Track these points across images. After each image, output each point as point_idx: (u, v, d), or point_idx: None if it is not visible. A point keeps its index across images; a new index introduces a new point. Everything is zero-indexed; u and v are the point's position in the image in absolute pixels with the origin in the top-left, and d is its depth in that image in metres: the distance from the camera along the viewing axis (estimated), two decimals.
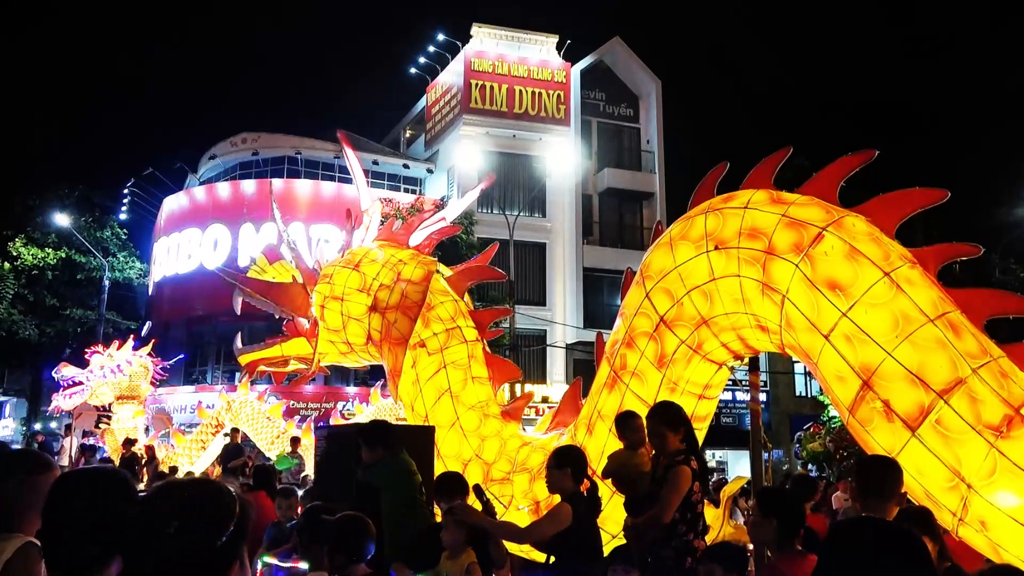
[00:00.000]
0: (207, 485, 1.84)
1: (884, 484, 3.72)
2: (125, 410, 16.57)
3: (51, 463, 2.80)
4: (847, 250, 4.87)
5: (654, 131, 34.01)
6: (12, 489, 2.65)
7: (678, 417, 4.83)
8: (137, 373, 16.70)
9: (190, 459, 15.69)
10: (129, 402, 16.63)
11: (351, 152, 9.51)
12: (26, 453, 3.03)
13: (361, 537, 4.12)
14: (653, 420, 4.83)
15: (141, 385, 16.81)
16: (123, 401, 16.57)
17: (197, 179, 34.29)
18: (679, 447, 4.71)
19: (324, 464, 6.63)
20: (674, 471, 4.59)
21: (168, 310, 31.20)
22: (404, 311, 7.36)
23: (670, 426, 4.74)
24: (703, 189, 5.93)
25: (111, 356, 16.68)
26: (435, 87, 34.06)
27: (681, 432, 4.75)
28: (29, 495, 2.63)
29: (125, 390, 16.51)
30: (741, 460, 28.34)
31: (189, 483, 1.86)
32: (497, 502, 6.57)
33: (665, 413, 4.88)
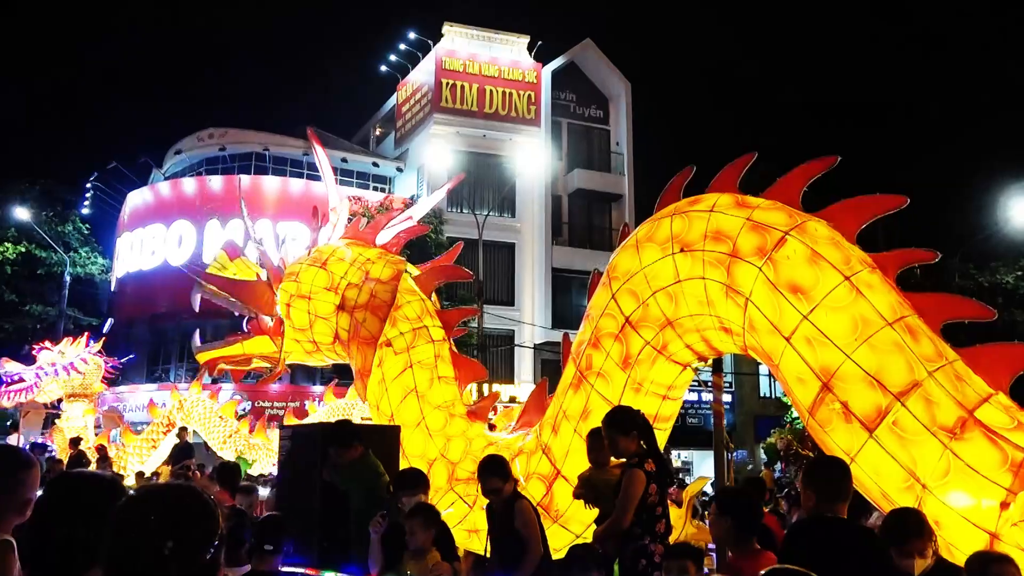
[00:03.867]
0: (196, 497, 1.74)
1: (837, 485, 3.80)
2: (75, 408, 16.22)
3: (32, 461, 2.75)
4: (809, 254, 4.95)
5: (624, 133, 34.22)
6: None
7: (629, 421, 4.85)
8: (92, 371, 16.41)
9: (140, 458, 15.43)
10: (79, 400, 16.30)
11: (320, 149, 9.46)
12: (6, 450, 2.96)
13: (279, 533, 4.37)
14: (605, 427, 4.88)
15: (94, 383, 16.51)
16: (73, 399, 16.25)
17: (162, 174, 33.81)
18: (633, 450, 4.74)
19: (288, 464, 6.59)
20: (627, 476, 4.65)
21: (131, 307, 30.73)
22: (373, 311, 7.33)
23: (621, 431, 4.77)
24: (669, 192, 5.99)
25: (62, 353, 16.34)
26: (406, 85, 33.95)
27: (634, 435, 4.77)
28: (9, 493, 2.59)
29: (78, 388, 16.20)
30: (706, 460, 28.59)
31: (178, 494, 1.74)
32: (462, 502, 6.58)
33: (615, 419, 4.91)
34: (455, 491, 6.66)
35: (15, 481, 2.62)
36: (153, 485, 1.83)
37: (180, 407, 16.04)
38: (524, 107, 32.13)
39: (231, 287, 8.49)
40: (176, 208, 30.06)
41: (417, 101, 32.97)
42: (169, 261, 28.59)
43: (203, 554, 1.61)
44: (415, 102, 33.14)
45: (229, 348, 8.49)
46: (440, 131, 30.70)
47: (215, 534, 1.64)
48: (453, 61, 31.77)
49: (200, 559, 1.60)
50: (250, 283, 8.50)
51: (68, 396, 16.19)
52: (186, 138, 32.95)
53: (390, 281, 7.48)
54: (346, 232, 8.38)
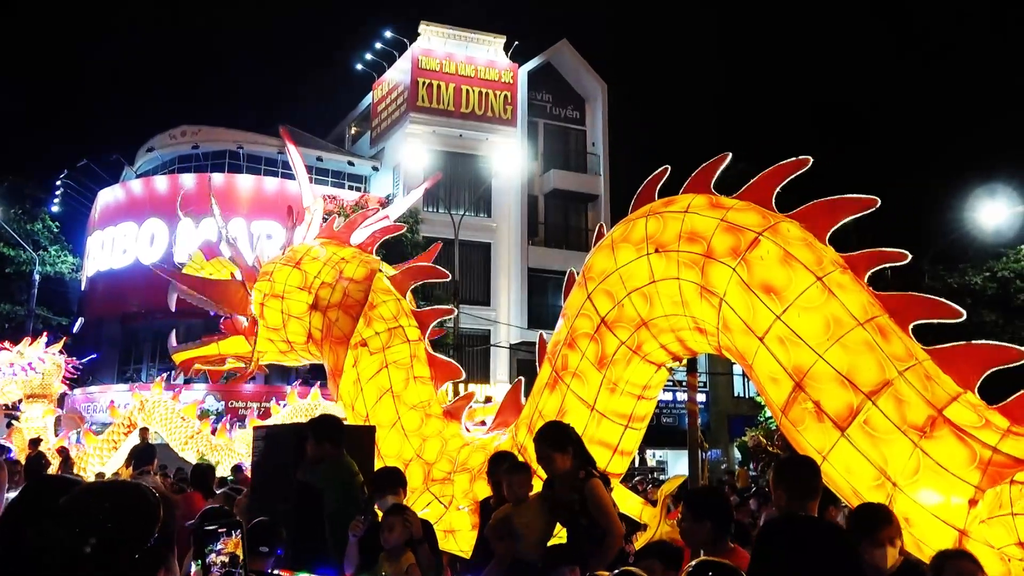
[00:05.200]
0: (127, 489, 1.70)
1: (807, 484, 3.84)
2: (34, 409, 15.97)
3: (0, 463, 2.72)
4: (782, 255, 5.00)
5: (599, 134, 34.37)
6: None
7: (565, 437, 4.70)
8: (50, 371, 16.17)
9: (101, 460, 15.25)
10: (39, 400, 16.05)
11: (293, 148, 9.40)
12: None
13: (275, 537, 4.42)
14: (539, 443, 4.69)
15: (53, 383, 16.27)
16: (33, 400, 16.00)
17: (134, 172, 33.44)
18: (569, 467, 4.58)
19: (262, 465, 6.53)
20: (589, 488, 4.48)
21: (102, 306, 30.36)
22: (345, 310, 7.30)
23: (557, 447, 4.60)
24: (644, 192, 6.02)
25: (21, 353, 16.08)
26: (381, 84, 33.83)
27: (569, 451, 4.61)
28: None
29: (36, 388, 15.95)
30: (681, 459, 28.76)
31: (107, 490, 1.70)
32: (438, 502, 6.57)
33: (549, 435, 4.73)
34: (431, 491, 6.64)
35: None
36: (91, 483, 1.78)
37: (141, 408, 15.88)
38: (500, 107, 32.15)
39: (204, 287, 8.42)
40: (148, 206, 29.74)
41: (393, 100, 32.87)
42: (141, 260, 28.28)
43: (135, 549, 1.55)
44: (391, 101, 33.03)
45: (204, 348, 8.42)
46: (416, 130, 30.64)
47: (152, 529, 1.58)
48: (429, 60, 31.71)
49: (131, 554, 1.54)
50: (223, 282, 8.44)
51: (27, 397, 15.95)
52: (158, 135, 32.60)
53: (363, 280, 7.45)
54: (321, 231, 8.34)
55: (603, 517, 4.47)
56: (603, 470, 5.20)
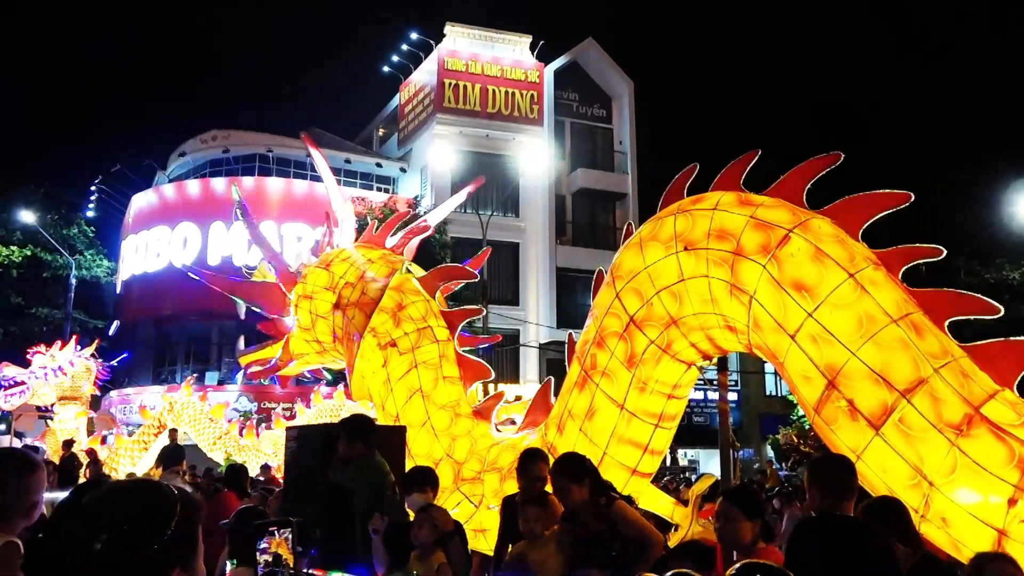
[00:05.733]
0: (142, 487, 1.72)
1: (841, 483, 3.78)
2: (67, 411, 16.35)
3: (38, 463, 2.77)
4: (813, 252, 4.94)
5: (627, 132, 34.22)
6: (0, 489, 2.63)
7: (582, 468, 4.63)
8: (79, 374, 16.50)
9: (132, 460, 15.54)
10: (71, 403, 16.40)
11: (317, 153, 9.44)
12: (13, 453, 2.98)
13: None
14: (556, 475, 4.60)
15: (83, 386, 16.60)
16: (65, 402, 16.35)
17: (166, 176, 33.90)
18: (588, 498, 4.50)
19: (293, 466, 6.59)
20: (618, 513, 4.45)
21: (136, 309, 30.82)
22: (361, 307, 7.39)
23: (573, 479, 4.51)
24: (673, 190, 5.98)
25: (53, 356, 16.45)
26: (408, 86, 33.98)
27: (586, 483, 4.54)
28: (15, 495, 2.61)
29: (67, 391, 16.30)
30: (713, 459, 28.57)
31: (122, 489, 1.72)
32: (468, 501, 6.58)
33: (567, 466, 4.64)
34: (461, 491, 6.66)
35: (21, 484, 2.64)
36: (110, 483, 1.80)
37: (171, 409, 16.11)
38: (527, 107, 32.14)
39: (244, 290, 8.61)
40: (181, 210, 30.14)
41: (420, 101, 33.00)
42: (174, 263, 28.64)
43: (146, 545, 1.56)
44: (418, 102, 33.17)
45: (265, 351, 8.57)
46: (443, 131, 30.73)
47: (165, 525, 1.59)
48: (455, 61, 31.79)
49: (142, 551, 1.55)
50: (259, 284, 8.62)
51: (60, 399, 16.29)
52: (190, 140, 33.04)
53: (381, 279, 7.53)
54: (362, 236, 8.47)
55: (637, 532, 4.44)
56: (635, 470, 5.18)
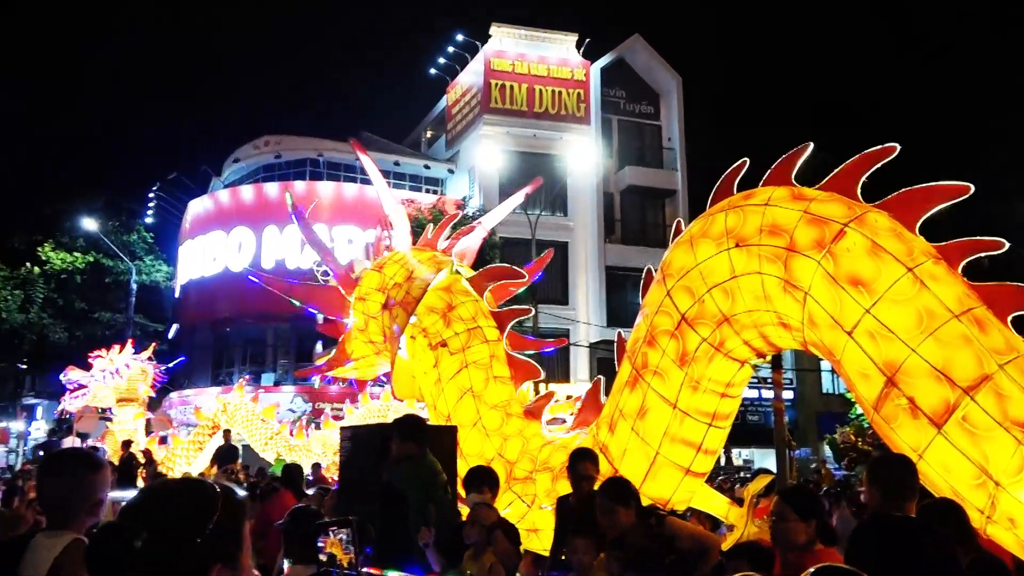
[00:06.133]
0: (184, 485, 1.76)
1: (902, 483, 3.69)
2: (126, 412, 16.82)
3: (102, 462, 2.86)
4: (869, 246, 4.83)
5: (675, 128, 33.88)
6: (66, 488, 2.72)
7: (628, 491, 4.65)
8: (135, 376, 16.96)
9: (187, 460, 15.95)
10: (129, 404, 16.88)
11: (367, 159, 9.51)
12: (79, 454, 3.09)
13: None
14: (603, 496, 4.59)
15: (139, 388, 17.05)
16: (123, 403, 16.82)
17: (221, 182, 34.65)
18: (634, 521, 4.49)
19: (348, 465, 6.67)
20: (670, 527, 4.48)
21: (194, 312, 31.55)
22: (404, 306, 7.47)
23: (619, 501, 4.50)
24: (723, 186, 5.91)
25: (111, 359, 16.95)
26: (455, 87, 34.16)
27: (632, 506, 4.53)
28: (81, 493, 2.70)
29: (124, 393, 16.77)
30: (768, 458, 28.13)
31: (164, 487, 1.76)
32: (520, 501, 6.59)
33: (612, 488, 4.65)
34: (513, 490, 6.67)
35: (86, 483, 2.73)
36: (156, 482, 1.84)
37: (224, 410, 16.51)
38: (574, 105, 32.05)
39: (301, 292, 8.80)
40: (235, 215, 30.76)
41: (467, 103, 33.15)
42: (230, 267, 29.27)
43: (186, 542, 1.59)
44: (465, 103, 33.32)
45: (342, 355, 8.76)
46: (490, 132, 30.81)
47: (205, 522, 1.61)
48: (501, 62, 31.86)
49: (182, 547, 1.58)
50: (321, 288, 8.82)
51: (118, 400, 16.78)
52: (243, 146, 33.72)
53: (425, 278, 7.60)
54: (420, 240, 8.56)
55: (695, 542, 4.42)
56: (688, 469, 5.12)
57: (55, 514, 2.76)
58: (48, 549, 2.60)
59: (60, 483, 2.75)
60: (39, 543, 2.68)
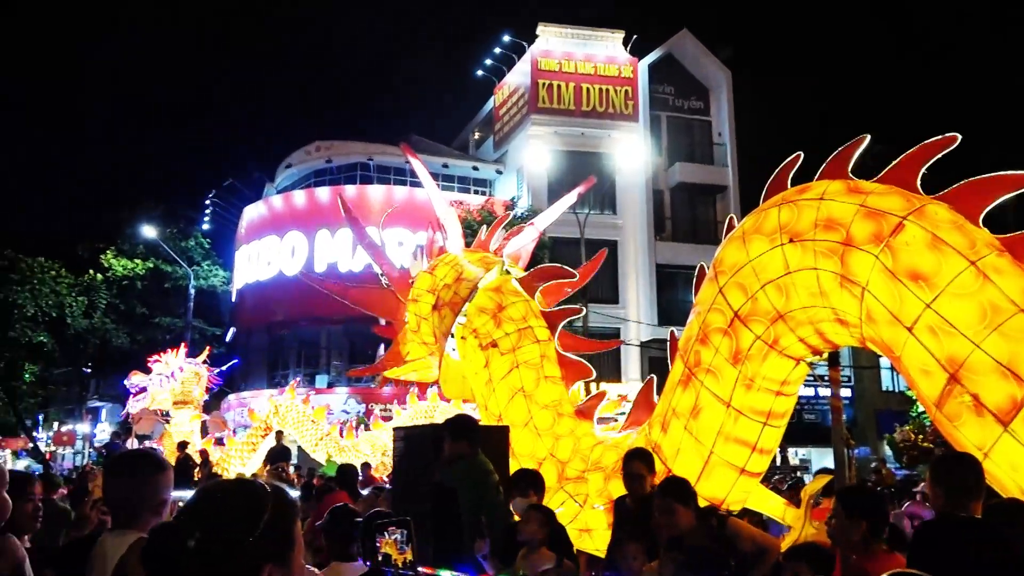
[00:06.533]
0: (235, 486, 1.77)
1: (967, 483, 3.58)
2: (182, 414, 17.26)
3: (165, 464, 2.93)
4: (930, 239, 4.69)
5: (725, 123, 33.44)
6: (130, 488, 2.79)
7: (688, 489, 4.61)
8: (188, 379, 17.36)
9: (241, 461, 16.29)
10: (185, 407, 17.29)
11: (418, 163, 9.57)
12: (143, 455, 3.17)
13: None
14: (663, 494, 4.54)
15: (193, 391, 17.44)
16: (179, 406, 17.25)
17: (274, 188, 35.30)
18: (692, 522, 4.43)
19: (401, 465, 6.74)
20: (732, 528, 4.43)
21: (250, 316, 32.21)
22: (451, 307, 7.52)
23: (681, 499, 4.45)
24: (776, 181, 5.80)
25: (166, 363, 17.40)
26: (502, 88, 34.23)
27: (691, 505, 4.48)
28: (145, 494, 2.76)
29: (179, 396, 17.19)
30: (825, 458, 27.56)
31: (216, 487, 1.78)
32: (572, 501, 6.57)
33: (674, 487, 4.60)
34: (565, 490, 6.66)
35: (150, 483, 2.79)
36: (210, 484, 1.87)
37: (275, 412, 16.82)
38: (621, 103, 31.86)
39: (356, 295, 8.92)
40: (288, 220, 31.30)
41: (514, 103, 33.19)
42: (284, 271, 29.81)
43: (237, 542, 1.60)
44: (512, 104, 33.37)
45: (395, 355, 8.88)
46: (538, 131, 30.80)
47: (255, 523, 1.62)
48: (548, 61, 31.82)
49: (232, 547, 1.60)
50: (375, 290, 8.93)
51: (174, 403, 17.22)
52: (295, 152, 34.30)
53: (472, 279, 7.63)
54: (474, 242, 8.62)
55: (755, 544, 4.37)
56: (743, 469, 5.04)
57: (120, 514, 2.83)
58: (113, 548, 2.66)
59: (125, 484, 2.82)
60: (105, 542, 2.76)
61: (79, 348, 32.40)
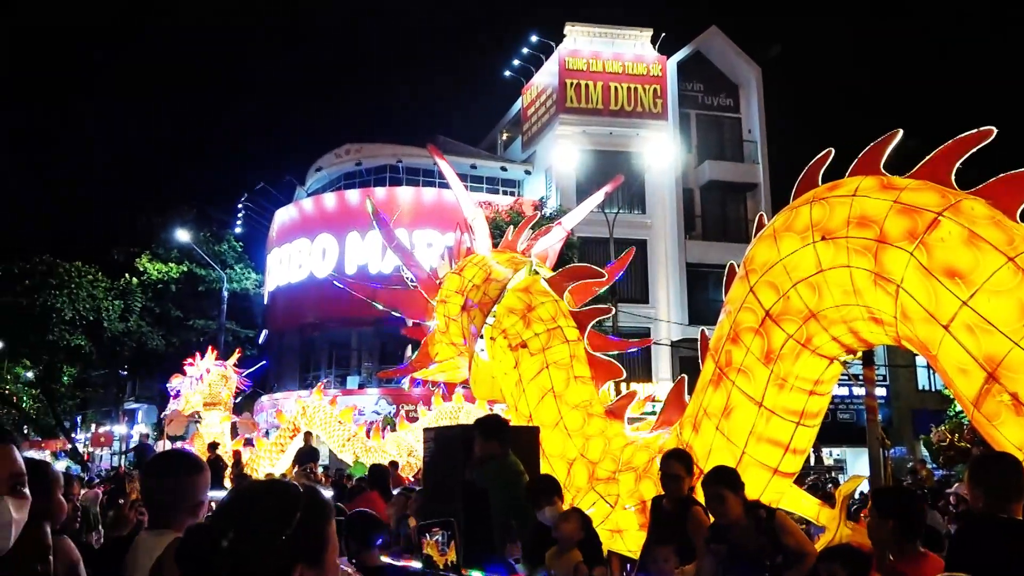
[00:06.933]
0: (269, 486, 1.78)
1: (1007, 483, 3.50)
2: (212, 416, 17.52)
3: (203, 465, 2.95)
4: (966, 235, 4.60)
5: (756, 120, 33.12)
6: (168, 488, 2.82)
7: (738, 478, 4.65)
8: (216, 382, 17.61)
9: (271, 462, 16.48)
10: (215, 408, 17.55)
11: (445, 164, 9.59)
12: (181, 455, 3.20)
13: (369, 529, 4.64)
14: (712, 483, 4.57)
15: (221, 393, 17.68)
16: (209, 407, 17.51)
17: (305, 191, 35.61)
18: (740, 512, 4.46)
19: (433, 466, 6.76)
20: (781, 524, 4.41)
21: (282, 318, 32.53)
22: (481, 307, 7.53)
23: (731, 487, 4.48)
24: (807, 178, 5.73)
25: (197, 366, 17.66)
26: (530, 88, 34.22)
27: (740, 493, 4.52)
28: (182, 494, 2.79)
29: (207, 397, 17.45)
30: (861, 458, 27.20)
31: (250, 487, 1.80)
32: (603, 501, 6.55)
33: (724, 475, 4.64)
34: (596, 491, 6.63)
35: (187, 483, 2.82)
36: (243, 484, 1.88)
37: (303, 413, 17.01)
38: (650, 101, 31.69)
39: (385, 297, 8.99)
40: (319, 223, 31.56)
41: (542, 103, 33.16)
42: (315, 273, 30.06)
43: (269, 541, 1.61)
44: (540, 104, 33.34)
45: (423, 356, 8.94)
46: (566, 131, 30.75)
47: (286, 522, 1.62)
48: (576, 61, 31.75)
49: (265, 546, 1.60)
50: (403, 292, 8.98)
51: (205, 404, 17.48)
52: (325, 155, 34.59)
53: (502, 279, 7.62)
54: (502, 242, 8.63)
55: (797, 543, 4.36)
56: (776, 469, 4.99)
57: (157, 514, 2.86)
58: (151, 548, 2.69)
59: (162, 484, 2.84)
60: (142, 542, 2.79)
61: (116, 351, 32.98)
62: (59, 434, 34.38)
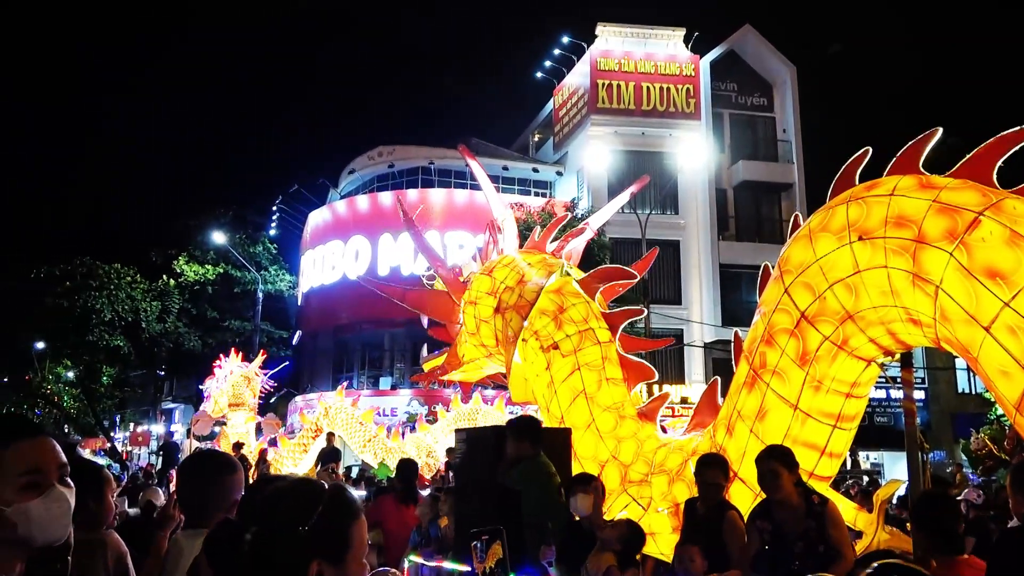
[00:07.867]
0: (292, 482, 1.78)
1: None
2: (238, 416, 17.82)
3: (236, 465, 3.00)
4: (1008, 235, 4.50)
5: (790, 119, 32.74)
6: (203, 488, 2.86)
7: (791, 456, 4.70)
8: (239, 383, 17.86)
9: (294, 461, 16.69)
10: (240, 409, 17.80)
11: (476, 165, 9.62)
12: (216, 456, 3.25)
13: None
14: (767, 459, 4.64)
15: (244, 393, 17.92)
16: (235, 408, 17.77)
17: (338, 193, 35.91)
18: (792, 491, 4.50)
19: (463, 467, 6.77)
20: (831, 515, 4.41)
21: (316, 319, 32.82)
22: (518, 310, 7.51)
23: (786, 465, 4.52)
24: (844, 177, 5.65)
25: (223, 367, 17.99)
26: (562, 89, 34.17)
27: (795, 473, 4.57)
28: (218, 493, 2.83)
29: (232, 398, 17.71)
30: (899, 462, 26.74)
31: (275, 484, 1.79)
32: (636, 504, 6.51)
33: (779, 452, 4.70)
34: (628, 493, 6.60)
35: (219, 484, 2.85)
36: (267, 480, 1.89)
37: (326, 414, 17.21)
38: (683, 101, 31.48)
39: (413, 298, 9.02)
40: (352, 225, 31.80)
41: (574, 104, 33.10)
42: (348, 275, 30.29)
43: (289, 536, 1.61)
44: (572, 105, 33.28)
45: (443, 357, 8.96)
46: (598, 132, 30.66)
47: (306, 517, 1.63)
48: (608, 61, 31.65)
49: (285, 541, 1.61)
50: (428, 293, 8.99)
51: (230, 405, 17.75)
52: (358, 158, 34.86)
53: (538, 281, 7.61)
54: (527, 242, 8.63)
55: (840, 542, 4.34)
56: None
57: (193, 514, 2.90)
58: (187, 548, 2.73)
59: (198, 484, 2.89)
60: (178, 541, 2.84)
61: (153, 351, 33.53)
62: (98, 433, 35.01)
